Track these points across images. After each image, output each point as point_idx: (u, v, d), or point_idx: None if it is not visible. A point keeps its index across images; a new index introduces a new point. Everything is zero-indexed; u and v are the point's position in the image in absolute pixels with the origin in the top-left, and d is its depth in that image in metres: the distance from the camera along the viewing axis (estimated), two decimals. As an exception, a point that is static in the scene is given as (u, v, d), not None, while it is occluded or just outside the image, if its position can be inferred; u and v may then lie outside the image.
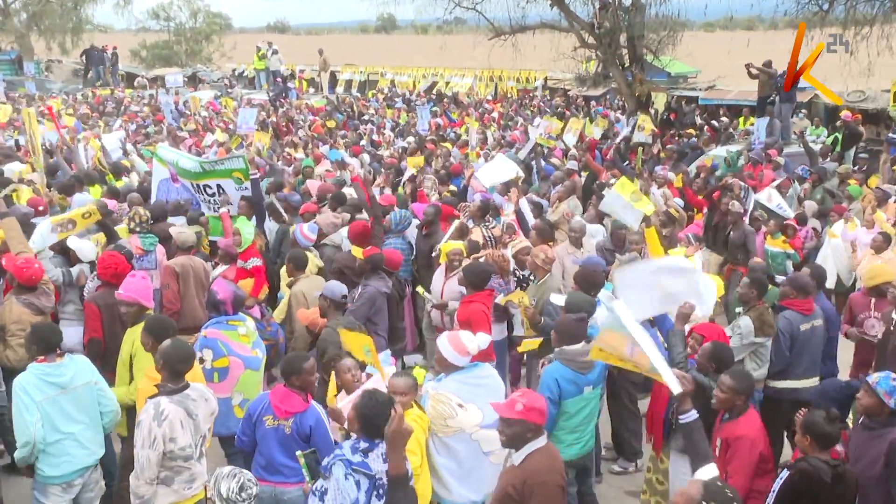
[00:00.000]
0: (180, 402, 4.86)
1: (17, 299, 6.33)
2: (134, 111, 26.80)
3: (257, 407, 5.21)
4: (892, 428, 4.96)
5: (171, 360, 4.91)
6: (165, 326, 5.52)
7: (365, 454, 4.26)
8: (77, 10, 41.45)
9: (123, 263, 6.83)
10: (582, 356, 5.79)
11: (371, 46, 54.75)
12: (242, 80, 37.39)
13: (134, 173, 13.58)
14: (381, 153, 17.86)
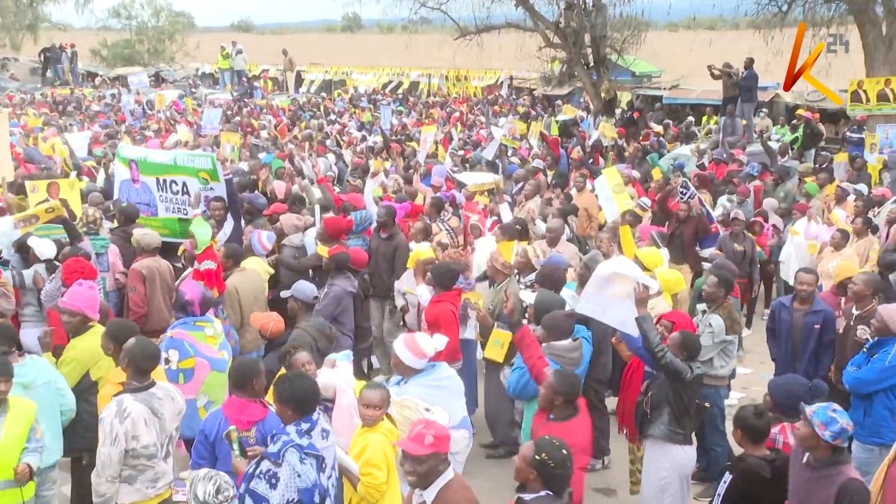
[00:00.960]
0: (144, 399, 4.82)
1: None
2: (96, 110, 26.40)
3: (213, 427, 4.90)
4: (840, 468, 4.44)
5: (136, 358, 4.90)
6: (128, 330, 5.47)
7: (309, 434, 4.40)
8: (34, 6, 40.63)
9: (90, 268, 6.76)
10: (572, 352, 5.85)
11: (336, 46, 54.41)
12: (206, 79, 37.01)
13: (101, 173, 13.40)
14: (346, 153, 17.78)
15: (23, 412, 4.93)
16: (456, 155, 16.53)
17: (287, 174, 12.59)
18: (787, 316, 7.36)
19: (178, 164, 9.19)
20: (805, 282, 7.28)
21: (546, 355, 5.90)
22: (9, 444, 4.84)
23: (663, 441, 5.78)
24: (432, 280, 7.29)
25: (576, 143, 17.53)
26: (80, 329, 5.82)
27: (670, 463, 5.70)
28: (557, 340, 5.94)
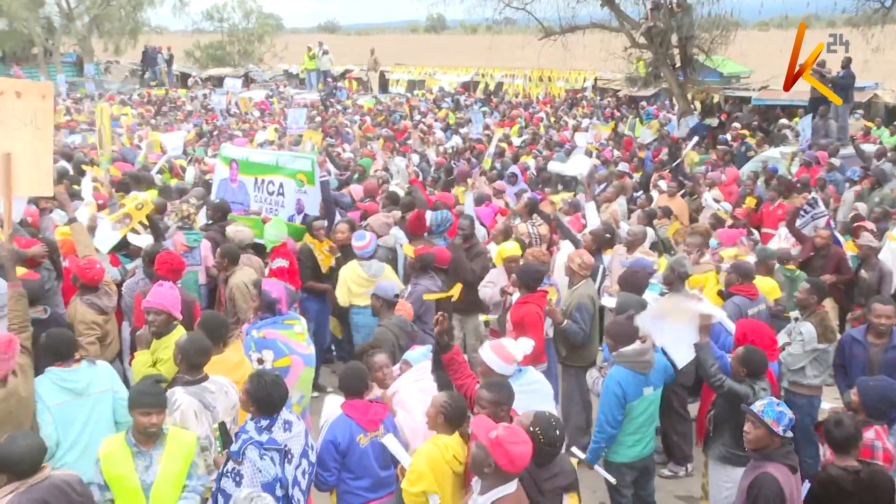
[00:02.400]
0: (196, 393, 4.91)
1: (81, 300, 6.44)
2: (188, 110, 27.32)
3: (345, 434, 4.84)
4: (765, 463, 4.64)
5: (189, 354, 5.01)
6: (220, 323, 5.66)
7: (269, 430, 4.50)
8: (135, 12, 42.40)
9: (179, 260, 6.95)
10: (640, 355, 5.77)
11: (420, 46, 54.85)
12: (293, 80, 37.83)
13: (190, 171, 13.85)
14: (430, 152, 17.93)
15: (182, 446, 4.48)
16: (540, 156, 16.49)
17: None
18: (861, 352, 6.63)
19: (280, 165, 9.40)
20: (882, 314, 6.51)
21: (617, 362, 5.85)
22: (165, 482, 4.40)
23: (721, 462, 5.70)
24: (517, 281, 7.27)
25: (659, 145, 17.26)
26: (165, 328, 5.80)
27: (733, 482, 5.48)
28: (624, 346, 5.87)
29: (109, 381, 5.24)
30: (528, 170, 14.95)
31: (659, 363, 5.94)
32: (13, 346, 4.87)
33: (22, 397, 4.93)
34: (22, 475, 3.93)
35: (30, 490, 3.90)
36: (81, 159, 13.72)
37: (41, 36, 38.42)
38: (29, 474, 3.95)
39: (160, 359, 5.69)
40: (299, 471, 4.58)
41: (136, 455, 4.38)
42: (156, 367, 5.64)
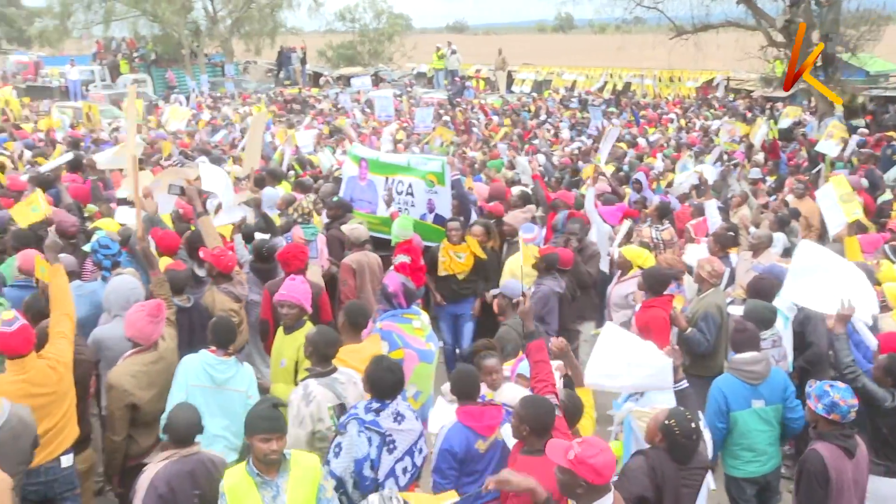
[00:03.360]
0: (328, 384, 5.01)
1: (217, 288, 6.71)
2: (319, 108, 28.22)
3: (457, 444, 4.67)
4: (818, 442, 4.89)
5: (319, 346, 5.13)
6: (363, 312, 5.84)
7: (377, 413, 4.56)
8: (273, 14, 44.25)
9: (305, 254, 7.18)
10: (751, 365, 5.60)
11: (547, 46, 54.58)
12: (421, 79, 38.43)
13: (325, 161, 14.31)
14: (556, 153, 17.84)
15: (308, 470, 4.23)
16: (668, 159, 16.11)
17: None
18: None
19: (411, 166, 9.50)
20: None
21: (727, 370, 5.67)
22: None
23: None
24: (643, 284, 7.15)
25: (795, 147, 16.52)
26: (296, 322, 5.86)
27: (871, 493, 5.23)
28: (739, 353, 5.69)
29: (247, 384, 5.40)
30: (651, 170, 14.62)
31: (777, 380, 5.71)
32: (163, 309, 5.37)
33: (169, 363, 5.36)
34: (178, 443, 4.28)
35: (181, 461, 4.23)
36: (220, 157, 14.46)
37: (188, 39, 40.70)
38: (184, 444, 4.29)
39: (286, 356, 5.87)
40: (400, 465, 4.60)
41: (261, 486, 4.07)
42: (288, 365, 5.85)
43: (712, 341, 6.95)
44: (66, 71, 36.04)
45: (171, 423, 4.31)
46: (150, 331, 5.31)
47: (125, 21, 42.62)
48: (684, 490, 4.50)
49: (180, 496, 4.13)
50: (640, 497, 4.41)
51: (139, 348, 5.29)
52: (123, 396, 5.13)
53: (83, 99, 30.63)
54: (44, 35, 45.94)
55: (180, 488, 4.14)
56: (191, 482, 4.19)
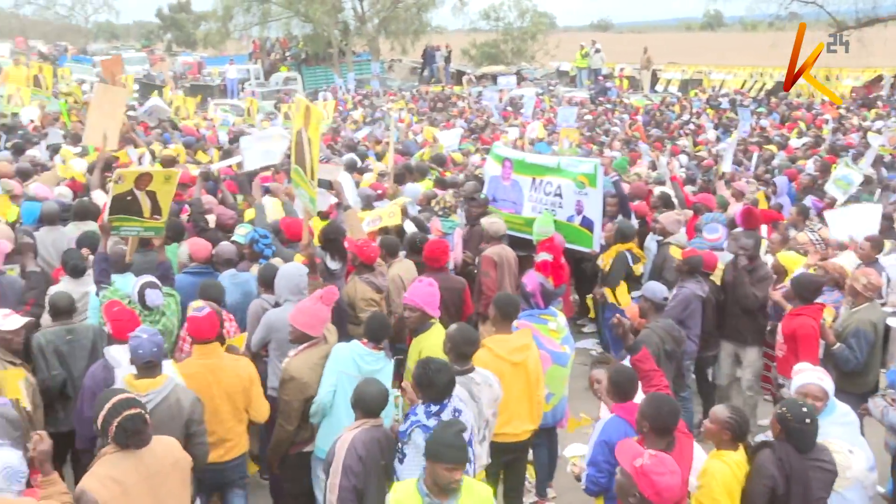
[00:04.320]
0: (464, 383, 5.04)
1: (359, 278, 6.90)
2: (461, 107, 28.56)
3: (616, 436, 4.61)
4: None
5: (458, 343, 5.16)
6: (514, 303, 5.88)
7: (437, 416, 4.58)
8: (420, 14, 45.16)
9: (446, 253, 7.31)
10: None
11: (695, 44, 52.84)
12: (564, 77, 38.17)
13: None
14: (701, 154, 17.32)
15: (480, 501, 4.21)
16: (819, 161, 15.29)
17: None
18: None
19: (562, 168, 9.38)
20: None
21: None
22: None
23: None
24: (791, 292, 6.83)
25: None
26: (420, 325, 5.84)
27: None
28: None
29: (389, 378, 5.49)
30: (801, 172, 13.90)
31: None
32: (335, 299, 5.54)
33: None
34: (368, 414, 4.58)
35: (371, 429, 4.55)
36: (364, 152, 14.91)
37: (337, 38, 42.19)
38: (372, 415, 4.59)
39: (411, 358, 5.88)
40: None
41: None
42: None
43: (862, 359, 6.54)
44: (225, 70, 38.19)
45: (360, 396, 4.59)
46: (325, 318, 5.47)
47: (279, 22, 44.70)
48: (813, 480, 4.39)
49: (369, 461, 4.44)
50: (772, 489, 4.38)
51: (312, 342, 5.42)
52: (304, 389, 5.26)
53: (239, 96, 32.36)
54: (207, 37, 49.00)
55: (371, 454, 4.46)
56: (378, 450, 4.51)
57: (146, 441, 4.09)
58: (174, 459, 4.25)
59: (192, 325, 5.19)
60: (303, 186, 6.44)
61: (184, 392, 4.79)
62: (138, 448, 4.06)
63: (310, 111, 6.30)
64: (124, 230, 6.45)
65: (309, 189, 6.31)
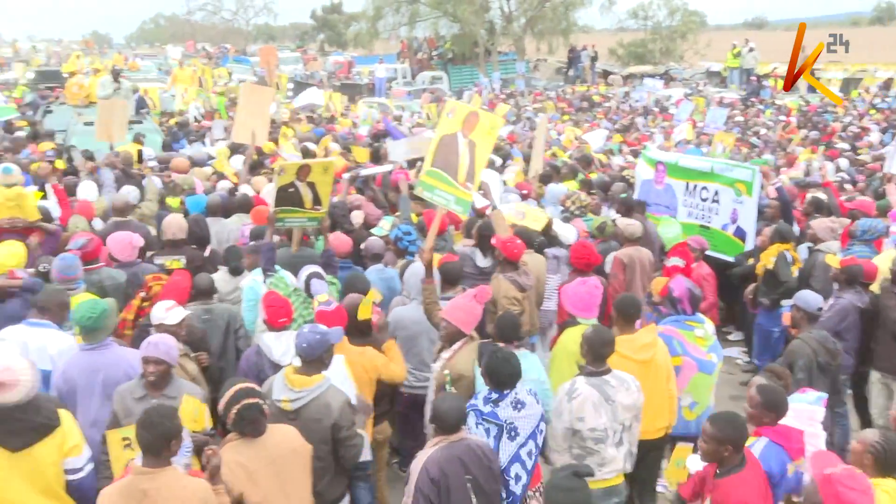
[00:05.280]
0: (597, 385, 4.96)
1: (503, 276, 6.87)
2: (606, 107, 28.19)
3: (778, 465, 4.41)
4: None
5: (594, 345, 5.08)
6: (635, 303, 5.84)
7: (495, 404, 4.68)
8: (567, 13, 44.89)
9: (595, 255, 7.26)
10: None
11: (861, 41, 49.71)
12: (713, 77, 36.90)
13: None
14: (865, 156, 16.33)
15: None
16: None
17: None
18: None
19: (716, 172, 9.13)
20: None
21: None
22: None
23: None
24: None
25: None
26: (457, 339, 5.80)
27: None
28: None
29: (538, 372, 5.53)
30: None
31: None
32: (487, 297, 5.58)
33: None
34: (446, 431, 4.48)
35: (450, 446, 4.43)
36: (508, 152, 15.00)
37: (483, 37, 42.57)
38: (451, 431, 4.48)
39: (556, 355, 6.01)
40: (524, 450, 4.70)
41: None
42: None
43: None
44: (374, 69, 39.35)
45: (437, 412, 4.50)
46: (477, 317, 5.49)
47: (427, 22, 45.57)
48: None
49: (452, 480, 4.32)
50: None
51: (465, 339, 5.47)
52: (470, 387, 5.33)
53: (387, 95, 33.26)
54: (357, 37, 50.63)
55: (452, 473, 4.33)
56: (461, 467, 4.37)
57: (261, 430, 4.21)
58: (293, 447, 4.33)
59: (321, 319, 5.28)
60: (444, 189, 6.52)
61: (336, 395, 4.75)
62: (255, 436, 4.19)
63: (478, 117, 6.36)
64: (288, 221, 6.76)
65: (457, 191, 6.42)
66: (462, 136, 6.40)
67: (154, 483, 3.71)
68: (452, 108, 6.79)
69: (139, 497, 3.69)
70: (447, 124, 6.63)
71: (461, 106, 6.78)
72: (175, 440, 3.80)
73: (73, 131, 14.06)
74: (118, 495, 3.75)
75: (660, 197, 9.57)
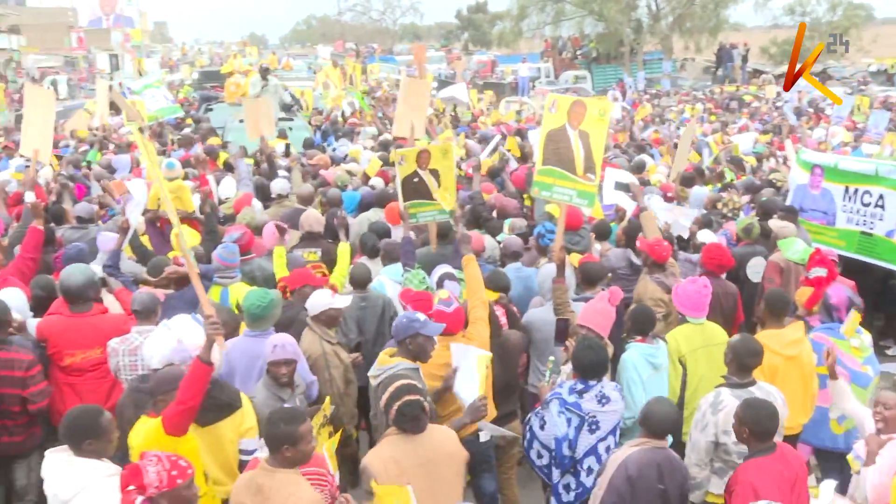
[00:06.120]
0: (739, 396, 4.74)
1: (650, 278, 6.81)
2: (755, 107, 27.03)
3: None
4: None
5: (740, 354, 4.89)
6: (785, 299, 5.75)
7: (580, 395, 4.74)
8: (717, 10, 43.36)
9: (728, 258, 7.03)
10: None
11: None
12: (879, 76, 34.64)
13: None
14: None
15: None
16: None
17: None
18: None
19: (881, 175, 8.49)
20: None
21: None
22: None
23: None
24: None
25: None
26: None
27: None
28: None
29: (667, 359, 5.58)
30: None
31: None
32: (619, 299, 5.56)
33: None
34: (651, 434, 4.41)
35: (652, 451, 4.41)
36: (652, 153, 14.70)
37: (629, 36, 41.80)
38: (656, 436, 4.42)
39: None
40: (603, 444, 4.75)
41: None
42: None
43: None
44: (517, 68, 39.43)
45: (648, 414, 4.47)
46: (611, 320, 5.47)
47: (572, 21, 45.20)
48: None
49: (645, 483, 4.32)
50: None
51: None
52: None
53: (529, 94, 33.26)
54: (501, 36, 50.88)
55: (647, 475, 4.32)
56: (657, 473, 4.34)
57: (422, 427, 4.23)
58: (449, 451, 4.33)
59: (438, 318, 5.28)
60: (563, 185, 6.45)
61: (401, 376, 4.72)
62: (415, 433, 4.21)
63: (585, 106, 6.28)
64: (421, 216, 6.86)
65: (578, 185, 6.32)
66: (570, 128, 6.32)
67: (271, 481, 3.81)
68: (553, 101, 6.68)
69: (255, 490, 3.82)
70: (551, 119, 6.53)
71: (562, 98, 6.68)
72: (289, 446, 3.82)
73: (230, 128, 14.93)
74: (245, 483, 3.90)
75: (816, 202, 9.03)
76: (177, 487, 3.46)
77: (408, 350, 4.91)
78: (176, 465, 3.51)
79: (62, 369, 5.54)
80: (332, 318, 5.53)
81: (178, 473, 3.48)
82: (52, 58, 57.84)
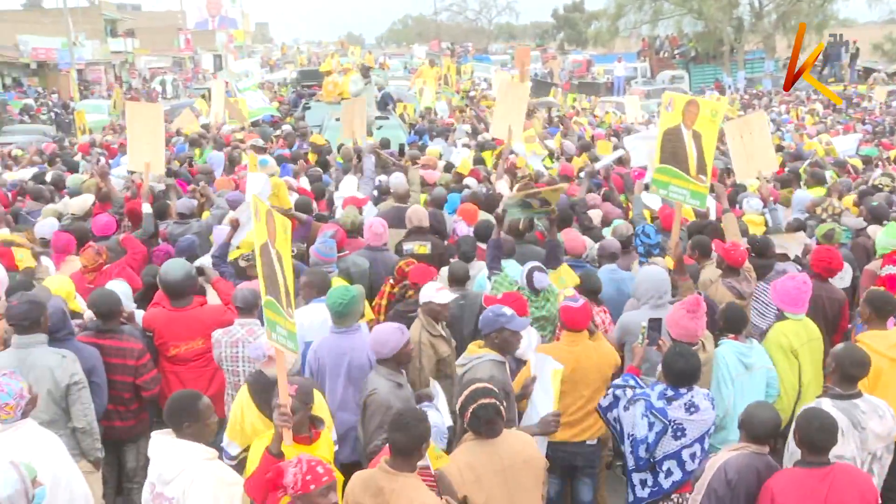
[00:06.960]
0: (846, 409, 4.59)
1: (722, 282, 6.60)
2: (864, 108, 25.95)
3: None
4: None
5: (844, 364, 4.70)
6: (890, 300, 5.54)
7: (668, 401, 4.60)
8: (824, 6, 41.70)
9: (839, 261, 6.78)
10: None
11: None
12: None
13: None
14: None
15: None
16: None
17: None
18: None
19: None
20: None
21: None
22: None
23: None
24: None
25: None
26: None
27: None
28: None
29: (766, 360, 5.47)
30: None
31: None
32: (701, 305, 5.36)
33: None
34: (752, 439, 4.32)
35: (752, 456, 4.30)
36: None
37: (730, 35, 40.65)
38: (758, 441, 4.32)
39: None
40: (687, 451, 4.64)
41: None
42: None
43: None
44: (612, 68, 38.92)
45: (749, 417, 4.39)
46: (694, 327, 5.31)
47: (670, 20, 44.29)
48: None
49: (744, 487, 4.24)
50: None
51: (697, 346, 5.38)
52: None
53: (624, 95, 32.76)
54: (598, 35, 50.29)
55: (745, 481, 4.24)
56: (756, 479, 4.25)
57: (497, 431, 4.12)
58: (527, 457, 4.25)
59: (567, 314, 5.37)
60: (678, 184, 6.37)
61: (480, 370, 4.85)
62: (490, 437, 4.11)
63: (698, 107, 6.18)
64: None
65: (691, 185, 6.25)
66: (685, 128, 6.24)
67: (393, 484, 3.75)
68: (670, 100, 6.61)
69: (375, 491, 3.77)
70: (668, 118, 6.47)
71: (678, 97, 6.58)
72: (425, 444, 3.79)
73: (327, 126, 15.28)
74: (362, 482, 3.86)
75: None
76: (309, 493, 3.47)
77: (494, 343, 4.99)
78: (313, 470, 3.51)
79: (168, 359, 5.85)
80: (434, 312, 5.62)
81: (313, 478, 3.48)
82: (162, 59, 60.50)
